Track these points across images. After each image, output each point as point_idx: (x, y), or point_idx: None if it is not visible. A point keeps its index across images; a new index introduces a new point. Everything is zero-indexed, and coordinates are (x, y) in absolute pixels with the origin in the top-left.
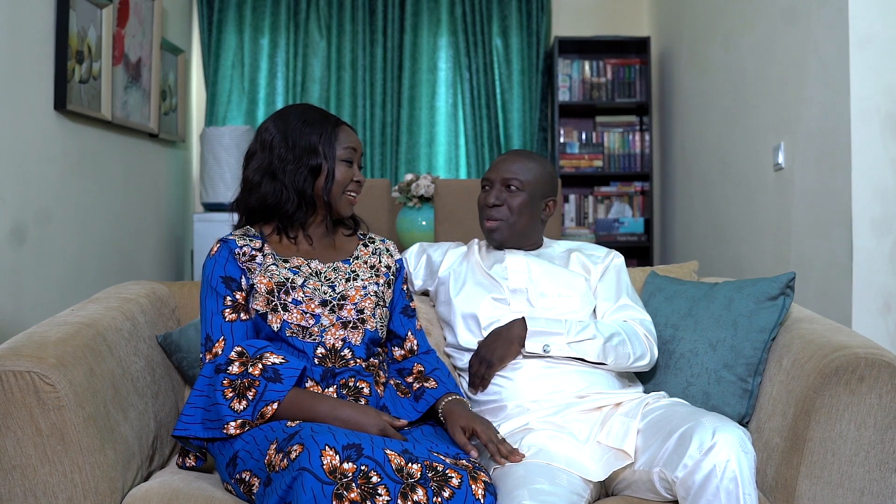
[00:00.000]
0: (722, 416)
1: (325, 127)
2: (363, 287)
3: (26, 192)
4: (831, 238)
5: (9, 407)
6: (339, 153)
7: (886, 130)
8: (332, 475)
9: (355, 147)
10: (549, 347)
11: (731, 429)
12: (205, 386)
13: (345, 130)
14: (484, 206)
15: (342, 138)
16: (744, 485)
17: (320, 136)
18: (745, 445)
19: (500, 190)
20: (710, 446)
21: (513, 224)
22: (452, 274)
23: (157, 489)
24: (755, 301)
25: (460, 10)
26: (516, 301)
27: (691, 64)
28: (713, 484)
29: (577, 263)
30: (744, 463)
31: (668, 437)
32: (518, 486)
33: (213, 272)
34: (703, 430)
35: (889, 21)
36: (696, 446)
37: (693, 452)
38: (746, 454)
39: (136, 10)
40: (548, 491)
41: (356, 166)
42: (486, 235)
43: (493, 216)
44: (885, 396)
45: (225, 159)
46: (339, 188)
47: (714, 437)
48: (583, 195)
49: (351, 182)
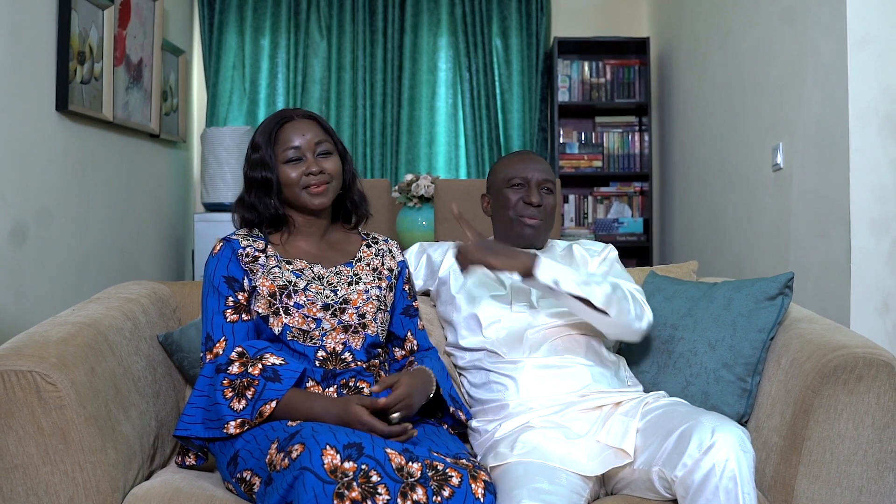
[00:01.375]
0: (721, 416)
1: (266, 135)
2: (365, 291)
3: (28, 192)
4: (830, 238)
5: (10, 406)
6: (279, 157)
7: (885, 131)
8: (333, 474)
9: (298, 144)
10: (560, 282)
11: (730, 428)
12: (205, 386)
13: (286, 130)
14: (526, 204)
15: (281, 140)
16: (742, 484)
17: (263, 146)
18: (745, 445)
19: (538, 190)
20: (709, 445)
21: (547, 226)
22: (453, 273)
23: (159, 488)
24: (754, 301)
25: (460, 10)
26: (518, 302)
27: (690, 64)
28: (712, 483)
29: (577, 257)
30: (743, 462)
31: (667, 437)
32: (518, 485)
33: (215, 271)
34: (703, 429)
35: (887, 21)
36: (696, 445)
37: (692, 451)
38: (746, 453)
39: (138, 11)
40: (547, 490)
41: (311, 158)
42: (520, 231)
43: (536, 215)
44: (883, 396)
45: (226, 160)
46: (293, 189)
47: (713, 437)
48: (582, 195)
49: (303, 177)
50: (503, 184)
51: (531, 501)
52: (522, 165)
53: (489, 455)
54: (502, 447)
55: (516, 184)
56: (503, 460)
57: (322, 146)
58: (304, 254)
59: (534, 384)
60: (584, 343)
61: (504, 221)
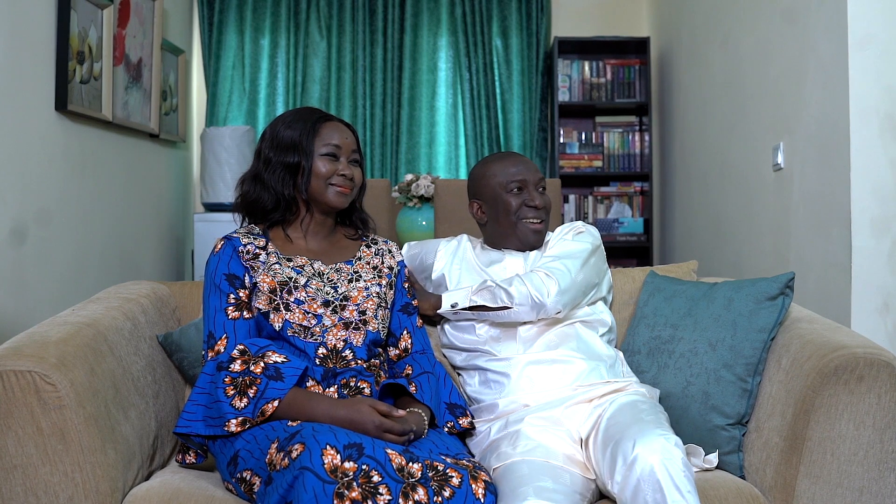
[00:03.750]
0: (649, 424)
1: (307, 124)
2: (366, 288)
3: (27, 192)
4: (830, 238)
5: (10, 406)
6: (318, 149)
7: (885, 131)
8: (334, 474)
9: (339, 144)
10: (457, 303)
11: (650, 437)
12: (206, 383)
13: (329, 127)
14: (530, 207)
15: (324, 134)
16: (668, 491)
17: (300, 134)
18: (667, 450)
19: (537, 192)
20: (632, 460)
21: (547, 223)
22: (447, 276)
23: (158, 489)
24: (755, 301)
25: (460, 10)
26: None
27: (691, 64)
28: (641, 498)
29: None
30: (669, 467)
31: (605, 452)
32: (523, 483)
33: (216, 269)
34: (626, 443)
35: (888, 22)
36: (621, 462)
37: (620, 468)
38: (669, 458)
39: (137, 11)
40: (552, 489)
41: (344, 161)
42: (525, 237)
43: (541, 217)
44: (883, 396)
45: (225, 159)
46: (321, 181)
47: (634, 450)
48: (582, 195)
49: (335, 175)
50: (501, 189)
51: (537, 499)
52: (516, 168)
53: (492, 455)
54: (504, 446)
55: (515, 188)
56: (506, 459)
57: (355, 155)
58: (304, 251)
59: (529, 379)
60: (577, 335)
61: (506, 228)
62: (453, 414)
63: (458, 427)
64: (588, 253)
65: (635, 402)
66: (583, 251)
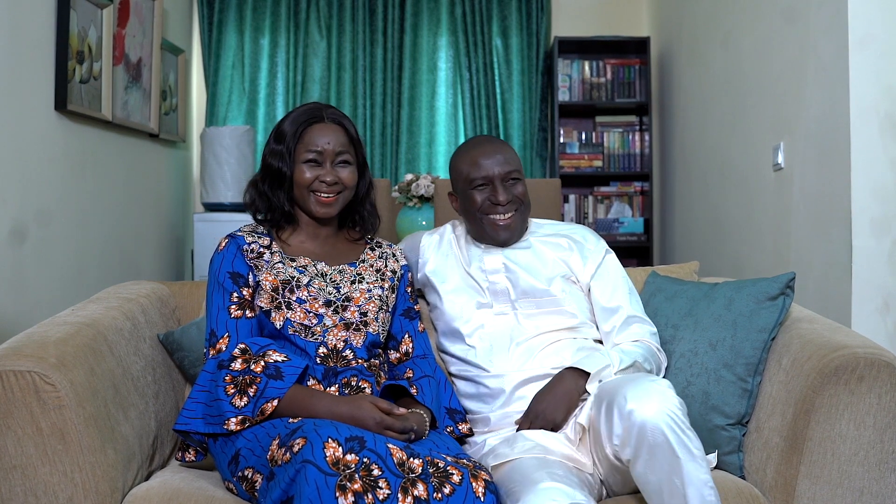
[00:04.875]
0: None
1: (295, 127)
2: (368, 290)
3: (27, 192)
4: (831, 238)
5: (9, 406)
6: (300, 155)
7: (885, 131)
8: (336, 466)
9: (321, 148)
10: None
11: (643, 388)
12: (207, 381)
13: (314, 131)
14: (494, 204)
15: (307, 139)
16: (673, 434)
17: (288, 139)
18: (663, 397)
19: (504, 186)
20: (627, 413)
21: (523, 216)
22: (435, 276)
23: (158, 489)
24: (755, 301)
25: (460, 10)
26: (499, 303)
27: (691, 64)
28: (645, 447)
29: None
30: (666, 414)
31: (599, 416)
32: (535, 469)
33: (220, 267)
34: (619, 399)
35: (888, 21)
36: (618, 417)
37: (617, 424)
38: (665, 404)
39: (137, 11)
40: (562, 475)
41: (328, 166)
42: (493, 235)
43: (508, 212)
44: (884, 396)
45: (225, 159)
46: (303, 190)
47: (628, 404)
48: (582, 195)
49: (315, 182)
50: (466, 185)
51: (552, 481)
52: (481, 161)
53: (488, 456)
54: (501, 447)
55: (479, 184)
56: (505, 458)
57: (342, 156)
58: (308, 252)
59: (523, 400)
60: (572, 347)
61: (475, 224)
62: (453, 419)
63: (457, 432)
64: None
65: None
66: (627, 277)
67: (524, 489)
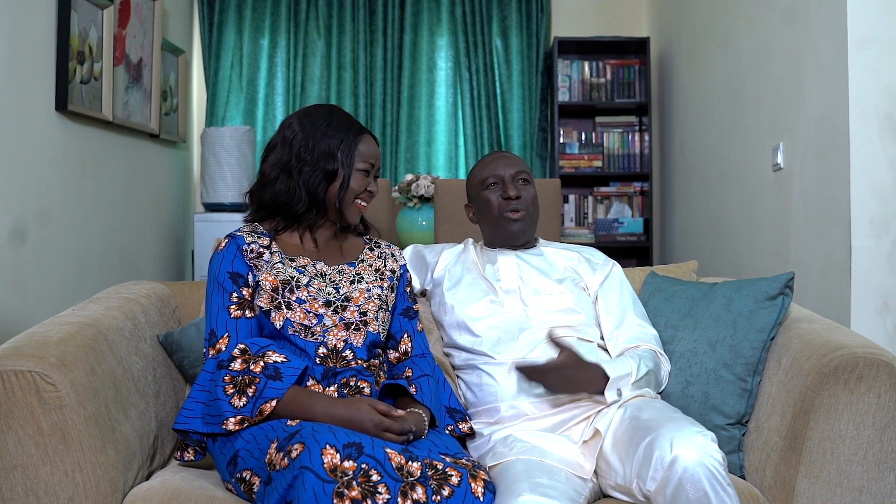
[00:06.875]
0: (682, 420)
1: (347, 134)
2: (367, 290)
3: (27, 192)
4: (830, 238)
5: (10, 406)
6: (357, 163)
7: (885, 131)
8: (333, 473)
9: (374, 160)
10: (622, 392)
11: (689, 437)
12: (206, 381)
13: (366, 141)
14: (506, 199)
15: (362, 149)
16: (713, 489)
17: (341, 143)
18: (707, 449)
19: (514, 183)
20: (670, 460)
21: (532, 216)
22: (447, 274)
23: (158, 488)
24: (754, 301)
25: (460, 10)
26: (510, 301)
27: (690, 64)
28: (682, 497)
29: (570, 262)
30: (708, 469)
31: (636, 451)
32: (518, 479)
33: (220, 267)
34: (663, 442)
35: (888, 22)
36: (658, 461)
37: (657, 467)
38: (709, 457)
39: (137, 11)
40: (547, 484)
41: (372, 176)
42: (507, 228)
43: (519, 208)
44: (883, 396)
45: (225, 159)
46: (352, 195)
47: (673, 450)
48: (582, 195)
49: (364, 192)
50: (479, 187)
51: (532, 494)
52: (493, 165)
53: (487, 455)
54: (500, 447)
55: (491, 183)
56: (502, 458)
57: (377, 172)
58: (307, 252)
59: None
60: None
61: (490, 225)
62: (453, 418)
63: (458, 431)
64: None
65: (650, 401)
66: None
67: (504, 500)
